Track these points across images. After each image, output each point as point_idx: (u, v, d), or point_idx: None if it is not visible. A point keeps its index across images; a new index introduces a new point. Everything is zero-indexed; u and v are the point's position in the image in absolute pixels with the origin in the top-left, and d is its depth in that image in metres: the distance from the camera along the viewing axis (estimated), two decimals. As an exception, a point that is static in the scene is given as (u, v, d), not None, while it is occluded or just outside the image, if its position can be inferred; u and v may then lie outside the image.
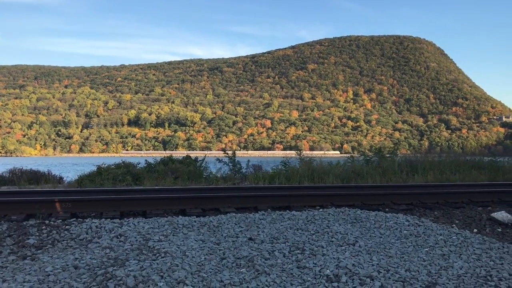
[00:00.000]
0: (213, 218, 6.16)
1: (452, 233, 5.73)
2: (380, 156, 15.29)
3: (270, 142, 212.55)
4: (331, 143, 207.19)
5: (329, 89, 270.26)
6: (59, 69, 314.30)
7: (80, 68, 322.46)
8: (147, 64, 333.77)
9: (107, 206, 6.83)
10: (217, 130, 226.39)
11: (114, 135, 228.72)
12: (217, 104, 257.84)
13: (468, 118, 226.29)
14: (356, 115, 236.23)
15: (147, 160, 14.83)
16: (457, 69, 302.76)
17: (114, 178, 12.37)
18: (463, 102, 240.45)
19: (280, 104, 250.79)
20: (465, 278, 3.93)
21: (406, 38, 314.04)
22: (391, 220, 6.27)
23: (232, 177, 13.42)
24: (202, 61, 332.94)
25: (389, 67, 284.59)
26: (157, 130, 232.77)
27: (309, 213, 6.59)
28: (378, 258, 4.43)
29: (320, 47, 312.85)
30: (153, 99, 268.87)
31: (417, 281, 3.81)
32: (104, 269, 3.85)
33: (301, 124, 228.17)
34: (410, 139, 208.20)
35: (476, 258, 4.61)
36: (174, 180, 12.34)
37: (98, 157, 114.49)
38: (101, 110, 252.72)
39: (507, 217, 6.95)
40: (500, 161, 16.03)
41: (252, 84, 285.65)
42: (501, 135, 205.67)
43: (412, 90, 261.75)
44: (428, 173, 13.36)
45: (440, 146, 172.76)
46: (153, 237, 5.01)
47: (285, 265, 4.16)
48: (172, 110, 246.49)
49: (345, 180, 12.44)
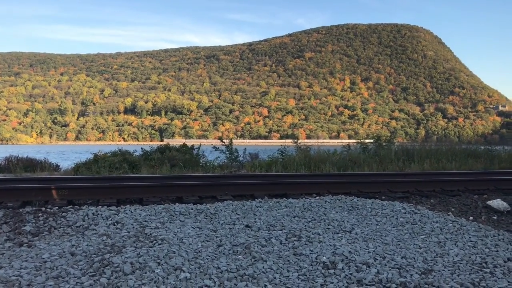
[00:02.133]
0: (210, 205, 6.17)
1: (448, 220, 5.77)
2: (377, 145, 15.32)
3: (267, 131, 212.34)
4: (328, 132, 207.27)
5: (326, 78, 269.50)
6: (55, 57, 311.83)
7: (76, 56, 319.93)
8: (144, 51, 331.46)
9: (103, 194, 6.83)
10: (213, 118, 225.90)
11: (110, 123, 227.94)
12: (213, 92, 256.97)
13: (464, 107, 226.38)
14: (353, 104, 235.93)
15: (143, 148, 14.81)
16: (454, 58, 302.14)
17: (110, 166, 12.36)
18: (459, 91, 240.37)
19: (277, 93, 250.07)
20: (460, 265, 3.95)
21: (404, 26, 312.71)
22: (387, 208, 6.29)
23: (229, 165, 13.43)
24: (198, 49, 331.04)
25: (386, 56, 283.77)
26: (154, 118, 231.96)
27: (305, 201, 6.61)
28: (375, 245, 4.45)
29: (317, 35, 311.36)
30: (150, 87, 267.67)
31: (413, 268, 3.83)
32: (101, 256, 3.86)
33: (298, 113, 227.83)
34: (407, 128, 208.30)
35: (471, 245, 4.64)
36: (170, 168, 12.34)
37: (94, 145, 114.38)
38: (97, 98, 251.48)
39: (502, 205, 6.99)
40: (496, 149, 16.11)
41: (249, 72, 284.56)
42: (497, 124, 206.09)
43: (409, 79, 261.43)
44: (424, 161, 13.41)
45: (436, 135, 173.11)
46: (150, 224, 5.02)
47: (281, 252, 4.18)
48: (169, 98, 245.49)
49: (342, 168, 12.47)
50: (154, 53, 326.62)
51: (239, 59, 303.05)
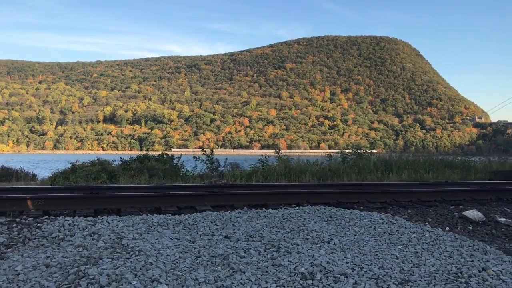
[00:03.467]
0: (189, 216, 6.13)
1: (425, 231, 5.83)
2: (356, 155, 15.45)
3: (248, 141, 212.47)
4: (308, 142, 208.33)
5: (306, 88, 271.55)
6: (33, 64, 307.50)
7: (55, 64, 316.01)
8: (124, 60, 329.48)
9: (80, 204, 6.73)
10: (194, 128, 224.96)
11: (89, 132, 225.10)
12: (194, 101, 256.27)
13: (442, 119, 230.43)
14: (333, 114, 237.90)
15: (123, 157, 14.65)
16: (432, 70, 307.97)
17: (88, 176, 12.19)
18: (437, 103, 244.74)
19: (258, 103, 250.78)
20: (436, 275, 4.00)
21: (383, 38, 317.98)
22: (365, 218, 6.34)
23: (209, 175, 13.37)
24: (179, 58, 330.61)
25: (365, 67, 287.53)
26: (133, 127, 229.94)
27: (285, 211, 6.62)
28: (353, 256, 4.47)
29: (298, 47, 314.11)
30: (130, 96, 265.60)
31: (390, 278, 3.86)
32: (77, 268, 3.79)
33: (279, 123, 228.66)
34: (386, 139, 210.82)
35: (447, 255, 4.70)
36: (150, 178, 12.22)
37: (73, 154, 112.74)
38: (76, 107, 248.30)
39: (478, 216, 7.11)
40: (472, 160, 16.40)
41: (230, 82, 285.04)
42: (474, 135, 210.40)
43: (388, 90, 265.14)
44: (402, 172, 13.57)
45: (415, 146, 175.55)
46: (127, 235, 4.95)
47: (260, 263, 4.16)
48: (149, 107, 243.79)
49: (322, 178, 12.53)
50: (134, 62, 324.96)
51: (221, 68, 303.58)
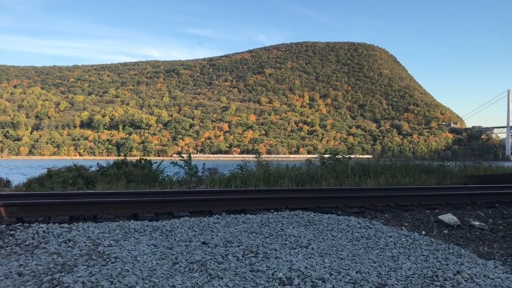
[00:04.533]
0: (166, 222, 6.07)
1: (401, 235, 5.90)
2: (334, 160, 15.57)
3: (228, 146, 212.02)
4: (288, 147, 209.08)
5: (286, 94, 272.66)
6: (8, 68, 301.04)
7: (30, 68, 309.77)
8: (101, 65, 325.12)
9: (55, 210, 6.60)
10: (173, 133, 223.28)
11: (66, 137, 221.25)
12: (173, 106, 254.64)
13: (419, 124, 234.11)
14: (312, 120, 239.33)
15: (100, 163, 14.47)
16: (408, 76, 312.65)
17: (65, 182, 12.01)
18: (414, 108, 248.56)
19: (237, 108, 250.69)
20: (413, 279, 4.05)
21: (361, 45, 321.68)
22: (343, 223, 6.38)
23: (188, 180, 13.30)
24: (158, 63, 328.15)
25: (344, 73, 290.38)
26: (111, 132, 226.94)
27: (263, 216, 6.62)
28: (330, 260, 4.49)
29: (277, 52, 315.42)
30: (107, 101, 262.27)
31: (368, 282, 3.89)
32: (51, 276, 3.71)
33: (258, 128, 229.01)
34: (364, 144, 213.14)
35: (423, 259, 4.76)
36: (127, 183, 12.09)
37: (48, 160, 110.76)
38: (52, 112, 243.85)
39: (453, 219, 7.23)
40: (448, 165, 16.68)
41: (210, 87, 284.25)
42: (450, 141, 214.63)
43: (366, 96, 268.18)
44: (380, 176, 13.73)
45: (392, 151, 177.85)
46: (103, 242, 4.88)
47: (238, 268, 4.15)
48: (127, 112, 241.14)
49: (300, 183, 12.59)
50: (112, 66, 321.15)
51: (200, 73, 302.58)
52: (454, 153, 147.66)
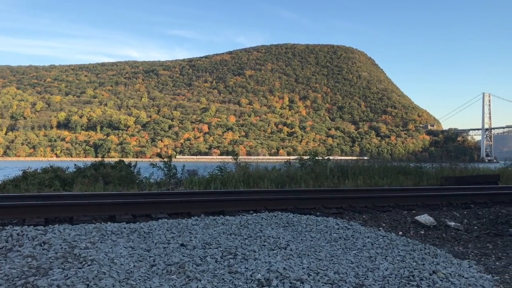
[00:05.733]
0: (144, 224, 6.01)
1: (379, 236, 5.97)
2: (314, 161, 15.67)
3: (207, 147, 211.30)
4: (267, 148, 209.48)
5: (265, 95, 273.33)
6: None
7: (5, 67, 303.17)
8: (79, 65, 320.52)
9: (30, 212, 6.47)
10: (152, 134, 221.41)
11: (42, 138, 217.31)
12: (152, 107, 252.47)
13: (396, 126, 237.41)
14: (291, 121, 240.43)
15: (77, 164, 14.27)
16: (387, 78, 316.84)
17: (40, 183, 11.79)
18: (392, 111, 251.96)
19: (217, 109, 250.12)
20: (390, 279, 4.09)
21: (340, 47, 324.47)
22: (321, 224, 6.42)
23: (167, 182, 13.20)
24: (137, 63, 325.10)
25: (323, 75, 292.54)
26: (89, 133, 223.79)
27: (242, 218, 6.61)
28: (309, 261, 4.51)
29: (257, 54, 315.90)
30: (85, 101, 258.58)
31: (345, 283, 3.92)
32: (25, 279, 3.64)
33: (238, 129, 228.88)
34: (342, 145, 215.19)
35: (400, 259, 4.82)
36: (105, 185, 11.94)
37: (24, 161, 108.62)
38: (28, 112, 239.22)
39: (429, 220, 7.35)
40: (425, 167, 16.95)
41: (189, 88, 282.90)
42: (427, 143, 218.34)
43: (345, 98, 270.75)
44: (358, 178, 13.86)
45: (370, 152, 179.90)
46: (79, 245, 4.80)
47: (216, 270, 4.13)
48: (105, 113, 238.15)
49: (280, 184, 12.62)
50: (90, 66, 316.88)
51: (179, 74, 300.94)
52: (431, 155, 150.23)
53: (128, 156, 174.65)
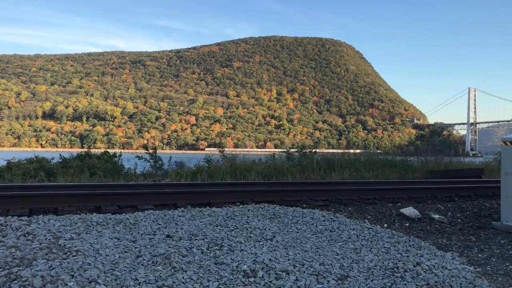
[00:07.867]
0: (130, 215, 5.99)
1: (364, 228, 6.02)
2: (300, 154, 15.72)
3: (195, 139, 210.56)
4: (255, 141, 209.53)
5: (253, 88, 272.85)
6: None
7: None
8: (65, 54, 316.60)
9: (14, 203, 6.40)
10: (138, 125, 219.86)
11: (27, 128, 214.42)
12: (139, 98, 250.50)
13: (383, 120, 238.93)
14: (279, 114, 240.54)
15: (62, 155, 14.13)
16: (374, 72, 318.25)
17: (25, 174, 11.66)
18: (379, 104, 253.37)
19: (205, 101, 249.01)
20: (374, 271, 4.13)
21: (328, 40, 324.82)
22: (307, 216, 6.45)
23: (153, 174, 13.14)
24: (124, 54, 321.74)
25: (311, 68, 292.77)
26: (74, 124, 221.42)
27: (229, 210, 6.61)
28: (294, 253, 4.54)
29: (245, 46, 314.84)
30: (71, 91, 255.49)
31: (330, 274, 3.95)
32: (8, 270, 3.60)
33: (226, 122, 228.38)
34: (330, 138, 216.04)
35: (385, 251, 4.87)
36: (90, 176, 11.85)
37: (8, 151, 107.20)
38: (12, 102, 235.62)
39: (414, 213, 7.43)
40: (411, 160, 17.11)
41: (177, 80, 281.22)
42: (413, 136, 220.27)
43: (332, 92, 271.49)
44: (344, 170, 13.94)
45: (357, 146, 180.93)
46: (64, 235, 4.76)
47: (202, 261, 4.14)
48: (91, 103, 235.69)
49: (267, 177, 12.64)
50: (76, 56, 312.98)
51: (167, 65, 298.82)
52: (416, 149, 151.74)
53: (114, 147, 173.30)
